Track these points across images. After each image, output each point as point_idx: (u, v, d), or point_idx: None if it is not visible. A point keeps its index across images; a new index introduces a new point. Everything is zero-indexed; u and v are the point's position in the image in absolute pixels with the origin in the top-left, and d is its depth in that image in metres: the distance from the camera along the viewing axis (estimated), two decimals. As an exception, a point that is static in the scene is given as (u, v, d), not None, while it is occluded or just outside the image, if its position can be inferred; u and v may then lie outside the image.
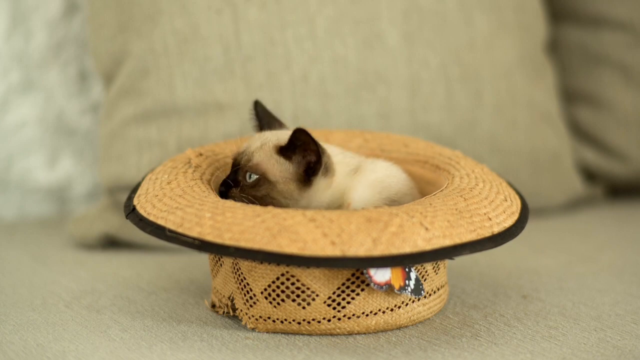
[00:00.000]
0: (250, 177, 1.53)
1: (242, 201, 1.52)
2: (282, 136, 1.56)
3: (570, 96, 2.44)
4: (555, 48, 2.44)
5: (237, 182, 1.55)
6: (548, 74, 2.34)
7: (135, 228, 1.52)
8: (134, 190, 1.59)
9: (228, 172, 1.61)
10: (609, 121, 2.40)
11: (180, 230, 1.43)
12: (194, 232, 1.42)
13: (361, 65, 2.11)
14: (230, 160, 1.63)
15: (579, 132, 2.43)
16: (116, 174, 2.07)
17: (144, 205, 1.52)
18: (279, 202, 1.53)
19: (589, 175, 2.44)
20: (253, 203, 1.51)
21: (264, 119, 1.64)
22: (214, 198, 1.49)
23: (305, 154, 1.53)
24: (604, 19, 2.38)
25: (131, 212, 1.53)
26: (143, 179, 1.61)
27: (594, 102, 2.41)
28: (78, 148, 2.38)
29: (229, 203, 1.46)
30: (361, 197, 1.55)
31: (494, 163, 2.13)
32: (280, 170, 1.53)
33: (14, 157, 2.34)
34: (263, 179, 1.53)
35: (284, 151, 1.53)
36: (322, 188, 1.54)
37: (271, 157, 1.54)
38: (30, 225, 2.28)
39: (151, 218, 1.48)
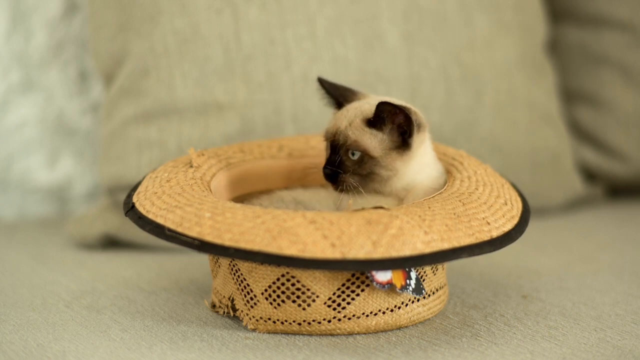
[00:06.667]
0: (353, 154, 1.55)
1: (349, 186, 1.55)
2: (365, 108, 1.57)
3: (570, 96, 2.43)
4: (555, 48, 2.44)
5: (340, 164, 1.55)
6: (548, 74, 2.34)
7: (135, 228, 1.51)
8: (134, 188, 1.59)
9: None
10: (609, 121, 2.40)
11: (179, 229, 1.43)
12: (193, 231, 1.41)
13: (361, 65, 2.11)
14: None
15: (579, 132, 2.43)
16: (116, 174, 2.07)
17: (143, 202, 1.51)
18: (381, 177, 1.55)
19: (589, 175, 2.44)
20: (358, 187, 1.54)
21: (335, 92, 1.64)
22: (213, 198, 1.49)
23: (395, 118, 1.54)
24: (604, 19, 2.38)
25: (130, 210, 1.53)
26: (144, 177, 1.61)
27: (594, 102, 2.41)
28: (78, 148, 2.37)
29: (229, 204, 1.46)
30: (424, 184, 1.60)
31: (494, 163, 2.13)
32: (377, 142, 1.55)
33: (14, 157, 2.33)
34: (365, 155, 1.55)
35: (374, 123, 1.55)
36: (419, 146, 1.57)
37: (365, 132, 1.55)
38: (30, 225, 2.28)
39: (150, 216, 1.47)
